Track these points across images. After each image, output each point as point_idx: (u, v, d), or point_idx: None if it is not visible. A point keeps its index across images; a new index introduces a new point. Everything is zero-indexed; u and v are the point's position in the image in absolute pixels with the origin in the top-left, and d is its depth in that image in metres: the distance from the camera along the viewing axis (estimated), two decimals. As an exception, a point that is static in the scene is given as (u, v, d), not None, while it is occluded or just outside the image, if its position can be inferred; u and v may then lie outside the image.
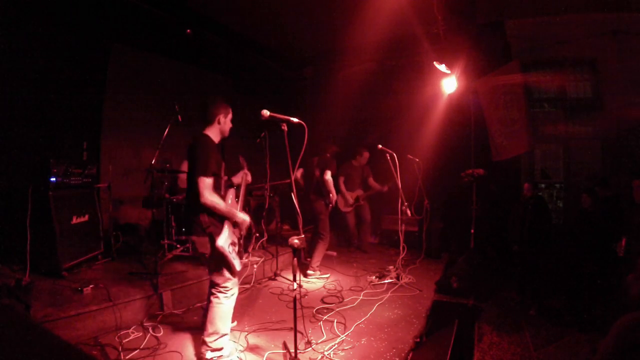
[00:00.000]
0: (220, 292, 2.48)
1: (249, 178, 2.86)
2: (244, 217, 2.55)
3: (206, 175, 2.32)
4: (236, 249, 2.51)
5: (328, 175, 4.54)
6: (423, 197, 5.14)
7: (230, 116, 2.60)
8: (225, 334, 2.52)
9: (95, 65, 4.63)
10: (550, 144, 6.61)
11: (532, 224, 4.50)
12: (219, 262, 2.44)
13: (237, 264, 2.49)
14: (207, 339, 2.45)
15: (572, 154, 6.38)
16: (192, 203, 2.38)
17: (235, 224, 2.52)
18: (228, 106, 2.59)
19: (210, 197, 2.32)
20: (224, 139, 2.63)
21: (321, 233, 4.61)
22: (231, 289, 2.51)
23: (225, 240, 2.39)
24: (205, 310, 2.64)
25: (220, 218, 2.42)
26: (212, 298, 2.50)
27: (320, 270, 4.60)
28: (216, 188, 2.43)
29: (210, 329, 2.45)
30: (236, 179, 2.85)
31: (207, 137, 2.50)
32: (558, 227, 6.31)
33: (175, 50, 5.52)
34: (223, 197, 2.51)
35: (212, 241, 2.36)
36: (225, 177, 2.68)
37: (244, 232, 2.66)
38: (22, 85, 3.87)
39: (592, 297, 3.53)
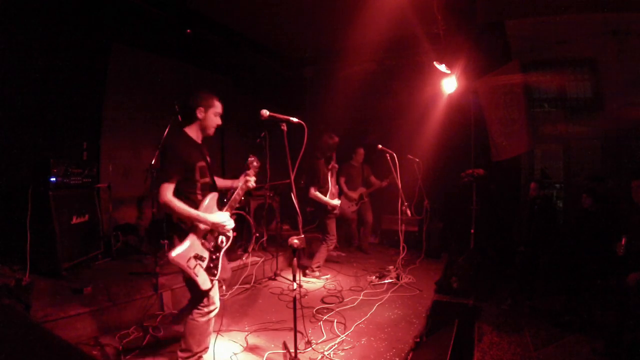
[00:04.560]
0: (196, 308, 2.24)
1: (250, 184, 2.35)
2: (218, 219, 2.18)
3: (167, 181, 2.08)
4: (205, 263, 2.16)
5: (312, 192, 4.34)
6: (423, 197, 5.15)
7: (214, 109, 2.27)
8: (200, 355, 2.33)
9: (95, 65, 4.62)
10: (550, 144, 6.60)
11: (540, 223, 4.50)
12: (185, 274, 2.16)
13: (204, 281, 2.12)
14: (180, 354, 2.28)
15: (572, 154, 6.37)
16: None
17: (205, 236, 2.21)
18: (211, 97, 2.26)
19: (166, 196, 2.06)
20: (207, 137, 2.36)
21: (324, 236, 4.64)
22: (207, 305, 2.24)
23: (182, 251, 2.09)
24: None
25: (183, 230, 2.15)
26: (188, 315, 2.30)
27: (319, 271, 4.60)
28: (190, 191, 2.19)
29: (183, 344, 2.27)
30: (226, 183, 2.50)
31: (182, 134, 2.25)
32: (558, 227, 6.32)
33: (175, 50, 5.51)
34: (200, 201, 2.21)
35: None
36: (208, 180, 2.34)
37: (227, 235, 2.29)
38: (22, 85, 3.86)
39: (592, 297, 3.53)
